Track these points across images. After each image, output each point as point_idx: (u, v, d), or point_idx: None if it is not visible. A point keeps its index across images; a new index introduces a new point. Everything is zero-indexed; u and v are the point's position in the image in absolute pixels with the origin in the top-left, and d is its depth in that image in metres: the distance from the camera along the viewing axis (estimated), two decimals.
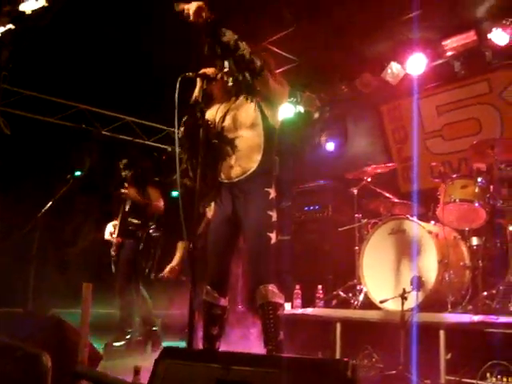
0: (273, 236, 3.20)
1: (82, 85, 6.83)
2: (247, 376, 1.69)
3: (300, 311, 5.23)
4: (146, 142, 8.23)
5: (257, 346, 3.50)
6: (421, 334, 3.92)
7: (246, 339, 4.76)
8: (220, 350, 3.36)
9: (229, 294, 3.45)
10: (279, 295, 3.19)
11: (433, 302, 4.42)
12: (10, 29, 4.64)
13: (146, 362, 2.43)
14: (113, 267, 5.31)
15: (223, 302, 3.35)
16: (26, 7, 4.57)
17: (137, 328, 5.26)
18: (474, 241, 4.81)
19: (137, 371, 2.27)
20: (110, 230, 5.44)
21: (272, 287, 3.16)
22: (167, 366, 1.96)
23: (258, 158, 3.27)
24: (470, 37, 5.88)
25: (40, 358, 2.64)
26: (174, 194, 7.95)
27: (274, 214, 3.23)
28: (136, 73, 6.54)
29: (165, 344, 5.04)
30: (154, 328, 5.25)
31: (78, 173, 7.39)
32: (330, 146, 7.63)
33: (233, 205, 3.31)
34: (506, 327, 3.74)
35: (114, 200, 5.65)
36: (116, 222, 5.48)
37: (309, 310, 5.18)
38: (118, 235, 5.37)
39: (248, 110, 3.34)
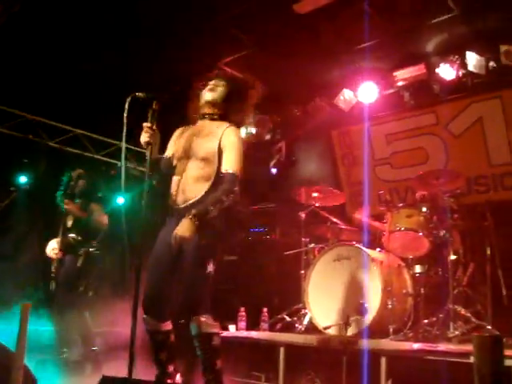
0: (210, 265, 3.17)
1: (31, 95, 6.65)
2: None
3: (244, 334, 5.20)
4: (96, 156, 8.06)
5: None
6: (363, 361, 3.96)
7: None
8: (174, 372, 3.32)
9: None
10: (213, 325, 3.16)
11: (375, 328, 4.47)
12: None
13: None
14: (52, 284, 5.13)
15: (164, 326, 3.29)
16: None
17: (76, 347, 5.08)
18: (417, 269, 4.92)
19: None
20: (53, 246, 5.27)
21: (205, 318, 3.12)
22: None
23: (203, 188, 3.26)
24: (419, 69, 6.06)
25: None
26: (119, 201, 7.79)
27: (211, 244, 3.21)
28: (88, 85, 6.44)
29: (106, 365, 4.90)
30: (93, 348, 5.10)
31: (23, 182, 7.21)
32: (280, 169, 7.68)
33: (174, 230, 3.24)
34: (444, 355, 3.81)
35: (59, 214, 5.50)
36: (57, 238, 5.33)
37: (253, 334, 5.15)
38: (61, 250, 5.17)
39: (207, 142, 3.34)
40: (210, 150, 3.32)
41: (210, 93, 3.45)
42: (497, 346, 2.40)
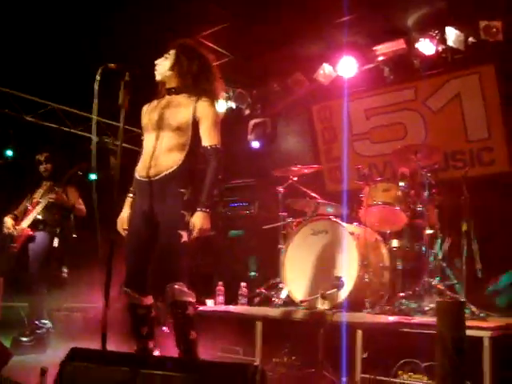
0: (184, 234, 3.15)
1: (6, 68, 6.51)
2: (155, 380, 1.65)
3: (222, 308, 5.22)
4: (72, 131, 7.94)
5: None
6: (339, 334, 4.00)
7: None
8: (154, 348, 3.31)
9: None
10: (188, 293, 3.14)
11: (352, 302, 4.51)
12: None
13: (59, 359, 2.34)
14: (14, 259, 5.08)
15: (146, 300, 3.29)
16: None
17: (52, 322, 5.08)
18: (394, 243, 4.96)
19: (43, 372, 2.18)
20: (11, 222, 5.19)
21: (179, 285, 3.11)
22: (74, 368, 1.88)
23: (179, 159, 3.25)
24: (399, 44, 6.04)
25: None
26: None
27: (187, 214, 3.18)
28: (64, 59, 6.31)
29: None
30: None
31: (8, 154, 7.10)
32: (259, 144, 7.66)
33: (149, 203, 3.26)
34: (419, 327, 3.86)
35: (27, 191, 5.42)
36: (11, 215, 5.28)
37: (231, 308, 5.18)
38: (30, 227, 5.15)
39: (179, 112, 3.32)
40: (183, 119, 3.30)
41: (159, 66, 3.42)
42: (459, 311, 2.42)
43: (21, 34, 5.87)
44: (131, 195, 3.47)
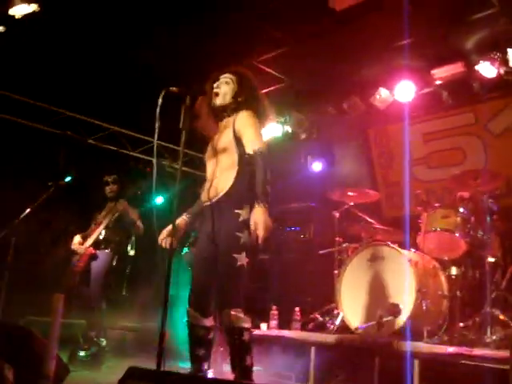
0: (240, 258, 3.13)
1: (70, 91, 6.78)
2: None
3: (276, 333, 5.18)
4: (131, 153, 8.16)
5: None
6: (395, 363, 3.89)
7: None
8: (208, 370, 3.31)
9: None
10: (245, 319, 3.12)
11: (409, 330, 4.39)
12: None
13: (114, 377, 2.37)
14: (77, 277, 5.24)
15: (207, 322, 3.29)
16: (16, 11, 4.54)
17: (107, 340, 5.16)
18: (453, 271, 4.80)
19: None
20: (78, 241, 5.41)
21: (236, 311, 3.08)
22: None
23: (231, 178, 3.27)
24: (458, 67, 5.92)
25: (2, 370, 2.57)
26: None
27: (244, 236, 3.16)
28: (125, 82, 6.52)
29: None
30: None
31: (67, 179, 7.37)
32: (316, 168, 7.64)
33: (210, 225, 3.30)
34: (480, 360, 3.71)
35: (94, 211, 5.61)
36: (82, 234, 5.47)
37: (285, 332, 5.13)
38: (93, 246, 5.32)
39: (224, 134, 3.39)
40: (227, 139, 3.35)
41: (216, 97, 3.45)
42: None
43: (83, 58, 6.10)
44: (186, 214, 3.53)
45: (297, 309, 5.44)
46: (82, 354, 4.89)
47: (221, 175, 3.32)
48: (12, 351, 3.00)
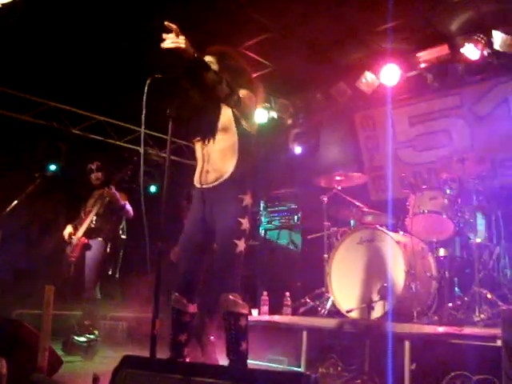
0: (240, 243, 3.13)
1: (54, 82, 6.72)
2: None
3: (267, 318, 5.21)
4: (117, 143, 8.11)
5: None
6: (386, 344, 3.93)
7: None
8: (187, 356, 3.31)
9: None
10: (242, 305, 3.11)
11: (399, 312, 4.44)
12: None
13: (106, 366, 2.38)
14: (72, 267, 5.22)
15: (192, 308, 3.29)
16: None
17: (99, 331, 5.17)
18: (442, 252, 4.86)
19: (95, 379, 2.21)
20: (70, 231, 5.36)
21: (234, 296, 3.08)
22: (126, 375, 1.91)
23: (232, 163, 3.22)
24: (443, 50, 5.94)
25: None
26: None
27: (244, 221, 3.16)
28: (110, 72, 6.47)
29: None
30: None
31: (52, 168, 7.33)
32: (302, 153, 7.65)
33: (203, 211, 3.27)
34: (470, 338, 3.76)
35: (82, 200, 5.58)
36: (72, 224, 5.44)
37: (276, 318, 5.16)
38: (85, 236, 5.28)
39: (224, 114, 3.30)
40: (225, 118, 3.28)
41: None
42: None
43: (68, 47, 6.04)
44: None
45: (287, 294, 5.46)
46: (77, 338, 4.88)
47: (218, 157, 3.25)
48: (4, 344, 3.00)
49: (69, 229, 5.40)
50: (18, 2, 4.48)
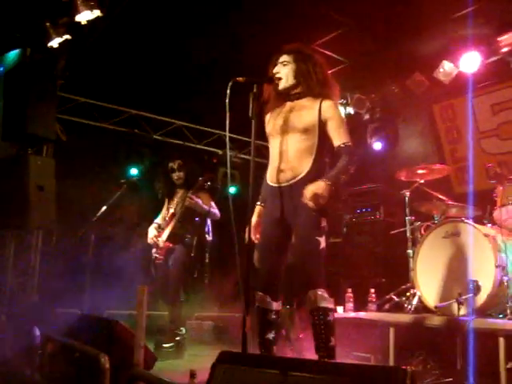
0: (322, 240, 3.18)
1: (134, 91, 6.98)
2: (305, 383, 1.68)
3: (352, 315, 5.17)
4: (197, 146, 8.33)
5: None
6: (479, 341, 3.80)
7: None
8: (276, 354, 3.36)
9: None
10: (329, 300, 3.15)
11: (491, 307, 4.29)
12: (66, 39, 4.80)
13: (198, 364, 2.45)
14: (153, 270, 5.30)
15: (276, 305, 3.33)
16: (82, 18, 4.71)
17: (186, 329, 5.28)
18: None
19: (193, 374, 2.29)
20: (154, 233, 5.36)
21: (321, 292, 3.11)
22: (225, 370, 1.97)
23: (309, 162, 3.26)
24: None
25: (99, 359, 2.72)
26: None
27: (323, 219, 3.21)
28: (186, 77, 6.65)
29: None
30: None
31: (134, 173, 7.60)
32: (381, 148, 7.53)
33: (281, 209, 3.29)
34: None
35: (163, 204, 5.64)
36: (155, 225, 5.45)
37: (361, 314, 5.12)
38: (169, 240, 5.27)
39: (304, 114, 3.34)
40: (309, 121, 3.31)
41: (279, 82, 3.40)
42: None
43: (147, 57, 6.25)
44: (260, 203, 3.52)
45: (372, 290, 5.41)
46: (166, 344, 4.96)
47: (297, 157, 3.29)
48: (104, 342, 3.16)
49: (153, 231, 5.38)
50: (101, 17, 4.70)
